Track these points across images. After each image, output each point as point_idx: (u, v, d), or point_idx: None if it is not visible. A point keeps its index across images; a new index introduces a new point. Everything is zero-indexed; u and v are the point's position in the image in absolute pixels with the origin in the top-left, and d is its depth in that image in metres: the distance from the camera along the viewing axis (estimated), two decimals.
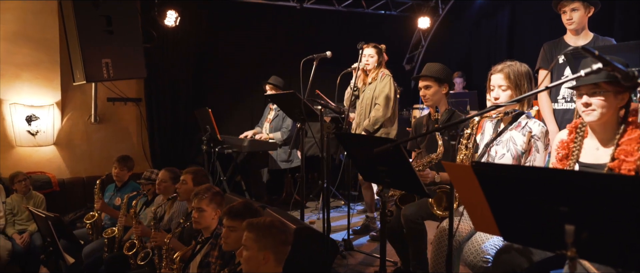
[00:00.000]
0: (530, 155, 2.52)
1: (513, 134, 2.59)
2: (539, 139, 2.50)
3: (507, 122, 2.63)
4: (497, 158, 2.65)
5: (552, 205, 1.47)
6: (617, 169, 2.06)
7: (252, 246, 2.13)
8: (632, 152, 2.02)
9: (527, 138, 2.53)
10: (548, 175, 1.46)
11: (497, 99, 2.47)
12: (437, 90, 3.34)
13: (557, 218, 1.47)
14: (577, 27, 3.48)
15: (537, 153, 2.50)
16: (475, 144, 2.51)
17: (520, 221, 1.70)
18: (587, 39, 3.50)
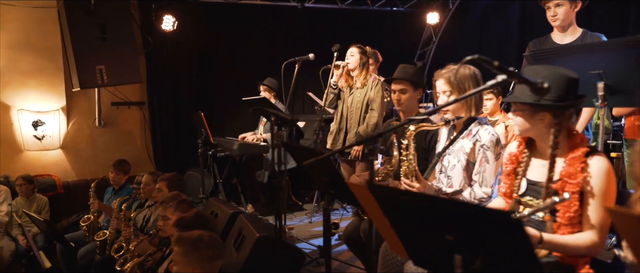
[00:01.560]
0: (480, 166, 2.38)
1: (463, 143, 2.46)
2: (488, 149, 2.36)
3: (459, 130, 2.50)
4: (449, 168, 2.53)
5: (440, 233, 1.39)
6: (561, 191, 1.89)
7: (180, 261, 2.12)
8: (575, 174, 1.85)
9: (475, 147, 2.40)
10: (430, 202, 1.37)
11: None
12: (412, 95, 3.18)
13: (447, 246, 1.39)
14: (563, 23, 3.25)
15: (487, 163, 2.36)
16: (416, 154, 2.40)
17: (421, 245, 1.61)
18: (575, 35, 3.26)
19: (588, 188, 1.81)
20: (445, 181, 2.56)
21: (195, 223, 2.62)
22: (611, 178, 1.80)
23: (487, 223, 1.14)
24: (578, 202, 1.82)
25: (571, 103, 1.86)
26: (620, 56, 2.29)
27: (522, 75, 1.46)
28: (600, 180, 1.80)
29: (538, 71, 1.91)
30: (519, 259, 1.13)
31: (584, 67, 2.37)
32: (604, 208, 1.77)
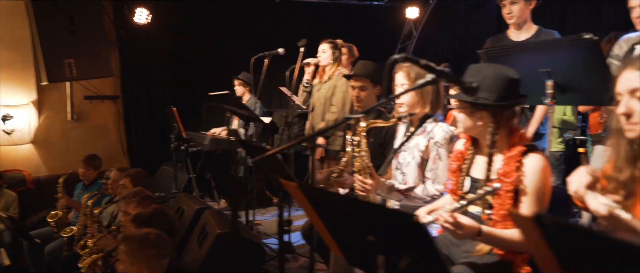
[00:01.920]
0: (433, 163, 2.39)
1: (418, 140, 2.47)
2: (441, 146, 2.36)
3: (415, 126, 2.50)
4: (404, 165, 2.53)
5: (363, 234, 1.39)
6: (502, 191, 1.90)
7: (125, 259, 2.10)
8: (510, 173, 1.86)
9: (429, 144, 2.40)
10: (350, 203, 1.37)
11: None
12: (371, 92, 3.17)
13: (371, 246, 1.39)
14: (518, 21, 3.28)
15: (439, 160, 2.36)
16: (369, 151, 2.39)
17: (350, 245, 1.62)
18: (530, 32, 3.28)
19: (521, 186, 1.82)
20: (400, 178, 2.56)
21: (153, 220, 2.60)
22: (545, 176, 1.82)
23: (394, 224, 1.14)
24: (512, 200, 1.83)
25: (509, 103, 1.86)
26: (567, 55, 2.30)
27: (451, 74, 1.46)
28: (533, 178, 1.81)
29: (480, 70, 1.91)
30: (424, 260, 1.13)
31: (533, 65, 2.38)
32: (537, 206, 1.78)
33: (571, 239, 0.99)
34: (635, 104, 1.53)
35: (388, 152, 2.74)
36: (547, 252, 1.04)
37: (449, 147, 2.37)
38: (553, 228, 1.00)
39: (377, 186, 2.37)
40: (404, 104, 2.46)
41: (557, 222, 0.95)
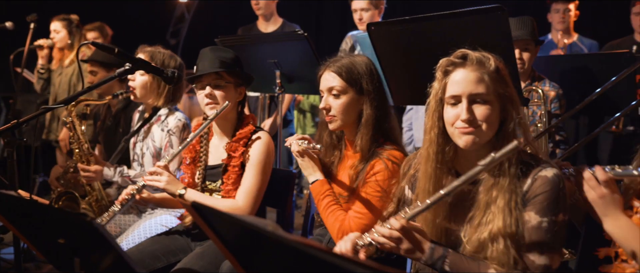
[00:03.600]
0: (165, 151, 2.35)
1: (154, 129, 2.39)
2: (173, 134, 2.34)
3: (148, 115, 2.41)
4: (140, 157, 2.43)
5: (56, 237, 1.27)
6: (229, 166, 2.03)
7: None
8: (238, 148, 2.01)
9: (163, 133, 2.36)
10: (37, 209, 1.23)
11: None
12: (106, 75, 2.91)
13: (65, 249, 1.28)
14: (265, 12, 3.51)
15: (171, 148, 2.33)
16: (85, 134, 2.24)
17: (45, 248, 1.46)
18: (277, 24, 3.58)
19: (247, 159, 2.00)
20: (139, 169, 2.46)
21: None
22: (268, 152, 2.01)
23: (69, 226, 1.06)
24: (238, 174, 2.00)
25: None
26: (291, 47, 2.52)
27: (147, 63, 1.42)
28: (257, 152, 2.00)
29: (204, 53, 2.01)
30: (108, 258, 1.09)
31: (264, 56, 2.54)
32: (260, 175, 1.98)
33: (228, 226, 1.04)
34: (332, 100, 1.81)
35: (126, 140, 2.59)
36: (214, 237, 1.09)
37: (183, 135, 2.36)
38: (211, 215, 1.05)
39: (102, 172, 2.23)
40: (136, 88, 2.35)
41: (209, 209, 1.00)
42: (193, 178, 2.13)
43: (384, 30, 2.05)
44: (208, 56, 1.99)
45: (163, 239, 2.09)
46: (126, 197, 1.96)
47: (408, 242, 1.31)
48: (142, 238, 2.19)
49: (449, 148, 1.39)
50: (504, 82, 1.35)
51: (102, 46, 1.33)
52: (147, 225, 2.29)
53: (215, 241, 1.03)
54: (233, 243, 0.99)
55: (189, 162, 2.14)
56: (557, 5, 3.75)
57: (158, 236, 2.12)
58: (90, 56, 2.89)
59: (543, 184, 1.30)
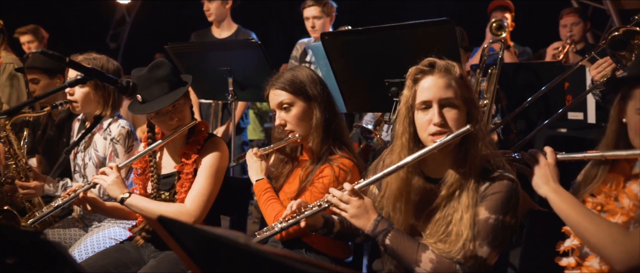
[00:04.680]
0: (110, 160, 2.26)
1: (96, 138, 2.30)
2: (117, 142, 2.27)
3: (90, 124, 2.32)
4: (82, 167, 2.33)
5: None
6: (182, 173, 2.02)
7: None
8: (191, 155, 2.01)
9: (106, 142, 2.28)
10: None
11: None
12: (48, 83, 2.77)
13: None
14: (217, 18, 3.48)
15: (116, 158, 2.25)
16: (24, 148, 2.13)
17: None
18: (231, 30, 3.55)
19: (200, 164, 2.00)
20: (81, 181, 2.36)
21: None
22: (221, 159, 2.01)
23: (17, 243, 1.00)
24: (193, 178, 1.99)
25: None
26: (243, 54, 2.52)
27: (102, 73, 1.38)
28: (209, 158, 2.00)
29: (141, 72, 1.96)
30: None
31: (216, 63, 2.52)
32: (211, 179, 1.96)
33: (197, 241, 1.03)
34: (285, 115, 1.89)
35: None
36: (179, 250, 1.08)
37: (128, 143, 2.29)
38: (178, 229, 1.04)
39: (42, 187, 2.14)
40: (78, 102, 2.25)
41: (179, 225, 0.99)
42: (145, 189, 2.08)
43: (338, 40, 2.10)
44: (151, 80, 1.91)
45: (113, 252, 2.02)
46: (69, 193, 1.90)
47: (356, 208, 1.42)
48: (90, 253, 2.10)
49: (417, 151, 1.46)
50: (468, 88, 1.45)
51: (51, 55, 1.27)
52: (94, 239, 2.19)
53: (182, 255, 1.02)
54: (201, 257, 0.98)
55: (140, 173, 2.10)
56: (495, 13, 4.00)
57: (107, 250, 2.05)
58: (29, 63, 2.72)
59: (499, 185, 1.40)
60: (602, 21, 5.33)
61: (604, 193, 1.37)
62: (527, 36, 4.78)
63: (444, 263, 1.37)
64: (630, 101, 1.31)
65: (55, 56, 1.28)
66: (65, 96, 2.26)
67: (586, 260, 1.37)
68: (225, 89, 2.58)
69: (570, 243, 1.40)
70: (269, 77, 1.95)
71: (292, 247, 1.88)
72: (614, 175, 1.38)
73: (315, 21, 3.38)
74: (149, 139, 2.10)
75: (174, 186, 2.03)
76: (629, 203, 1.31)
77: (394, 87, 1.94)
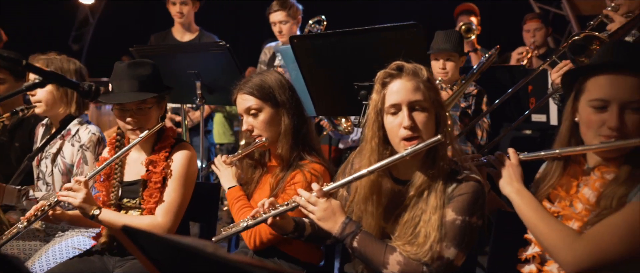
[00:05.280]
0: (78, 167, 2.19)
1: (63, 144, 2.22)
2: (87, 149, 2.19)
3: (56, 129, 2.23)
4: (46, 174, 2.24)
5: None
6: (149, 182, 1.95)
7: None
8: (158, 162, 1.95)
9: (74, 148, 2.20)
10: None
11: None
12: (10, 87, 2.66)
13: None
14: (186, 21, 3.44)
15: (85, 165, 2.18)
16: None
17: None
18: (194, 33, 3.52)
19: (168, 173, 1.94)
20: (44, 189, 2.27)
21: None
22: (190, 165, 1.96)
23: None
24: (159, 191, 1.93)
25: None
26: (212, 57, 2.48)
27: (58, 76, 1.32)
28: (178, 166, 1.94)
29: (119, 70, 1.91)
30: None
31: (184, 66, 2.47)
32: (181, 189, 1.92)
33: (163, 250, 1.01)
34: (252, 120, 1.87)
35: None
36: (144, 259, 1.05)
37: (98, 150, 2.22)
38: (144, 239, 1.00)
39: (2, 196, 2.04)
40: (41, 102, 2.17)
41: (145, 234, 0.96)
42: (108, 195, 2.01)
43: (307, 43, 2.09)
44: (126, 74, 1.90)
45: (77, 263, 1.94)
46: (34, 214, 1.81)
47: (323, 210, 1.43)
48: (51, 264, 2.02)
49: (388, 154, 1.48)
50: (436, 90, 1.46)
51: (6, 57, 1.21)
52: (56, 249, 2.11)
53: (148, 266, 0.99)
54: (168, 267, 0.96)
55: (104, 179, 2.03)
56: (461, 17, 4.09)
57: (70, 261, 1.97)
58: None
59: (465, 186, 1.42)
60: (562, 26, 5.53)
61: (560, 198, 1.42)
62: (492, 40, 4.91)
63: (411, 265, 1.39)
64: (583, 95, 1.35)
65: (11, 58, 1.23)
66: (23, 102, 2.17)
67: (546, 265, 1.41)
68: (192, 93, 2.53)
69: (531, 251, 1.44)
70: (237, 81, 1.93)
71: (265, 254, 1.86)
72: (567, 179, 1.43)
73: (282, 26, 3.38)
74: (116, 142, 2.04)
75: (140, 194, 1.97)
76: (582, 208, 1.35)
77: (363, 91, 1.94)
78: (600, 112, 1.30)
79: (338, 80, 2.10)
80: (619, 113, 1.27)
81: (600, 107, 1.30)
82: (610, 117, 1.28)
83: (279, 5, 3.39)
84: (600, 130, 1.30)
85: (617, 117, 1.27)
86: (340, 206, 1.47)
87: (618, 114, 1.27)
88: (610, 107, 1.29)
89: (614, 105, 1.28)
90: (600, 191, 1.32)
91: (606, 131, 1.29)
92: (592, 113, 1.31)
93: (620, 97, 1.27)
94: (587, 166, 1.41)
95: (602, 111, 1.30)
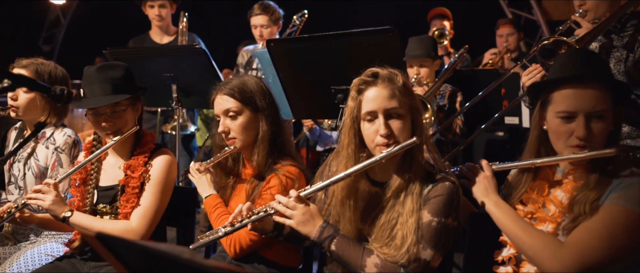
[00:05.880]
0: (52, 170, 2.14)
1: (36, 148, 2.17)
2: (62, 152, 2.15)
3: (30, 133, 2.18)
4: (19, 178, 2.19)
5: None
6: (127, 187, 1.92)
7: None
8: (137, 168, 1.92)
9: (49, 151, 2.15)
10: None
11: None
12: None
13: None
14: (164, 24, 3.41)
15: (60, 167, 2.14)
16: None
17: None
18: (172, 35, 3.48)
19: (147, 178, 1.91)
20: (16, 193, 2.21)
21: None
22: (169, 171, 1.94)
23: None
24: (140, 192, 1.91)
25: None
26: (188, 61, 2.46)
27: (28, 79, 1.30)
28: (157, 171, 1.92)
29: (90, 74, 1.88)
30: None
31: (159, 69, 2.45)
32: (158, 194, 1.89)
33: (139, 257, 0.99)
34: (230, 123, 1.85)
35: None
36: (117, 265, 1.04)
37: (73, 152, 2.18)
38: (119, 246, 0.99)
39: None
40: (20, 108, 2.12)
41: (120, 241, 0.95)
42: (83, 200, 1.97)
43: (283, 47, 2.10)
44: (97, 78, 1.86)
45: (50, 270, 1.90)
46: (0, 215, 1.77)
47: (301, 215, 1.44)
48: (23, 272, 1.97)
49: (365, 158, 1.50)
50: (411, 96, 1.48)
51: None
52: (28, 256, 2.06)
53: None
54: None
55: (79, 183, 1.99)
56: (435, 21, 4.17)
57: (42, 268, 1.92)
58: None
59: (441, 188, 1.44)
60: (533, 30, 5.68)
61: (533, 200, 1.46)
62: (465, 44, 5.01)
63: (388, 267, 1.41)
64: (550, 105, 1.40)
65: None
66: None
67: (521, 267, 1.45)
68: (169, 96, 2.50)
69: (507, 253, 1.48)
70: (214, 84, 1.92)
71: (243, 259, 1.86)
72: (539, 182, 1.47)
73: (263, 30, 3.38)
74: (93, 148, 2.00)
75: (116, 199, 1.94)
76: (555, 210, 1.40)
77: (339, 94, 1.96)
78: (568, 122, 1.35)
79: (315, 83, 2.11)
80: (586, 122, 1.33)
81: (568, 117, 1.35)
82: (577, 127, 1.33)
83: (261, 9, 3.38)
84: (570, 140, 1.36)
85: (584, 127, 1.33)
86: (318, 211, 1.48)
87: (585, 124, 1.33)
88: (577, 118, 1.34)
89: (580, 116, 1.33)
90: (572, 194, 1.37)
91: (575, 140, 1.35)
92: (560, 123, 1.37)
93: (586, 108, 1.33)
94: (558, 169, 1.46)
95: (570, 121, 1.35)
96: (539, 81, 1.47)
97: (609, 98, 1.34)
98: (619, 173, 1.33)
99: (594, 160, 1.35)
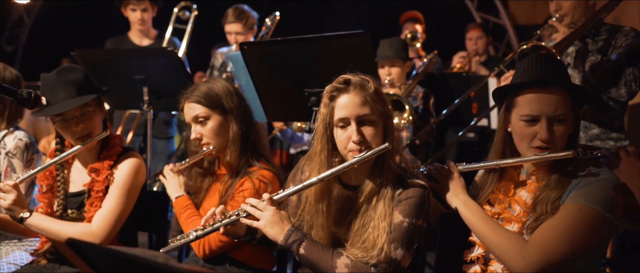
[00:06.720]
0: (5, 177, 2.07)
1: None
2: (14, 156, 2.09)
3: None
4: None
5: None
6: (92, 191, 1.89)
7: None
8: (102, 171, 1.89)
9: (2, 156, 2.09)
10: None
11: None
12: None
13: None
14: (145, 27, 3.36)
15: (13, 173, 2.07)
16: None
17: None
18: (152, 37, 3.45)
19: (111, 181, 1.88)
20: None
21: None
22: (136, 174, 1.91)
23: None
24: (101, 200, 1.87)
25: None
26: (158, 63, 2.43)
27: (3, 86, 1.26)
28: (123, 174, 1.88)
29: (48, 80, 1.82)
30: None
31: (130, 71, 2.40)
32: (123, 198, 1.86)
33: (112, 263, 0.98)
34: (201, 128, 1.85)
35: None
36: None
37: (27, 156, 2.12)
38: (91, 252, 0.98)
39: None
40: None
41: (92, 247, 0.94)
42: (51, 207, 1.92)
43: (257, 50, 2.10)
44: (58, 83, 1.80)
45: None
46: None
47: (271, 216, 1.44)
48: None
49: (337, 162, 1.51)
50: (383, 101, 1.50)
51: None
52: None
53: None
54: None
55: (46, 190, 1.93)
56: (407, 25, 4.24)
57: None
58: None
59: (412, 191, 1.48)
60: (500, 34, 5.83)
61: (499, 200, 1.51)
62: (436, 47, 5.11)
63: (359, 267, 1.42)
64: (514, 109, 1.45)
65: None
66: None
67: (489, 266, 1.49)
68: (140, 99, 2.46)
69: (476, 252, 1.52)
70: (186, 87, 1.90)
71: (216, 261, 1.84)
72: (505, 183, 1.52)
73: (238, 37, 3.35)
74: (57, 152, 1.95)
75: (84, 204, 1.89)
76: (520, 210, 1.45)
77: (313, 97, 1.97)
78: (531, 125, 1.41)
79: (288, 86, 2.12)
80: (548, 126, 1.39)
81: (531, 120, 1.41)
82: (540, 130, 1.39)
83: (234, 16, 3.35)
84: (533, 142, 1.41)
85: (546, 130, 1.38)
86: (288, 216, 1.49)
87: (547, 127, 1.38)
88: (540, 121, 1.39)
89: (543, 119, 1.39)
90: (536, 194, 1.42)
91: (538, 142, 1.40)
92: (523, 126, 1.42)
93: (548, 112, 1.38)
94: (522, 170, 1.51)
95: (533, 125, 1.41)
96: (499, 88, 1.53)
97: (569, 102, 1.41)
98: (578, 172, 1.39)
99: (555, 161, 1.41)
